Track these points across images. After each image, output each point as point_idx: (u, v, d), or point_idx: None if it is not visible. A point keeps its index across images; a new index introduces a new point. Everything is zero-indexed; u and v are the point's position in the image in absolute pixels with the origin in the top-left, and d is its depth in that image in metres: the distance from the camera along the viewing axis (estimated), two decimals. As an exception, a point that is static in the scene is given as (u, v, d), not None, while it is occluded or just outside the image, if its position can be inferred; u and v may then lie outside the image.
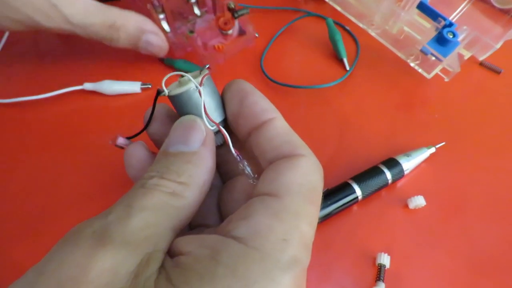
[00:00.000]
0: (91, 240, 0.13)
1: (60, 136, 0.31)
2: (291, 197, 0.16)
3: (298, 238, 0.15)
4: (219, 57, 0.34)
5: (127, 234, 0.14)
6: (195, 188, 0.16)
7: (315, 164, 0.17)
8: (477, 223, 0.28)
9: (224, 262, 0.14)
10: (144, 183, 0.16)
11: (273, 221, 0.15)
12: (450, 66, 0.33)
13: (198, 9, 0.33)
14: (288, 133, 0.18)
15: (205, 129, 0.18)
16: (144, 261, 0.14)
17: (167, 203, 0.15)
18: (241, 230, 0.15)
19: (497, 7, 0.36)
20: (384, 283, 0.25)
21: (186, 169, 0.16)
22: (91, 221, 0.14)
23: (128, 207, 0.14)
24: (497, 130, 0.33)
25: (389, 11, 0.35)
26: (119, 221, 0.14)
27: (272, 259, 0.14)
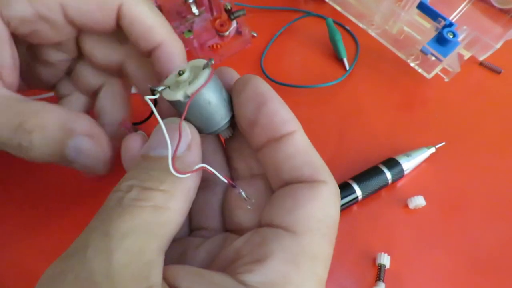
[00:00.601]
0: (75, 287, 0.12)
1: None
2: (310, 236, 0.14)
3: (314, 286, 0.14)
4: (216, 57, 0.34)
5: (114, 275, 0.12)
6: (179, 196, 0.14)
7: (335, 192, 0.16)
8: (477, 223, 0.28)
9: None
10: (121, 198, 0.14)
11: (289, 268, 0.14)
12: (450, 66, 0.33)
13: (196, 8, 0.33)
14: (308, 152, 0.16)
15: (191, 132, 0.16)
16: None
17: (150, 222, 0.13)
18: (255, 278, 0.13)
19: (497, 7, 0.36)
20: (384, 283, 0.25)
21: (169, 175, 0.14)
22: (69, 260, 0.12)
23: (107, 236, 0.12)
24: (497, 130, 0.33)
25: (389, 11, 0.35)
26: (100, 257, 0.12)
27: None
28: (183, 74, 0.16)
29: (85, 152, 0.19)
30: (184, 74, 0.16)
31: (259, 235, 0.15)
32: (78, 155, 0.19)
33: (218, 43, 0.34)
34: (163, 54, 0.21)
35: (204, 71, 0.16)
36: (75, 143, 0.19)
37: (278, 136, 0.16)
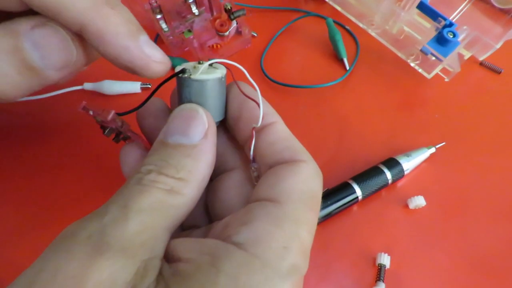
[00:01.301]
0: (87, 246, 0.13)
1: (60, 136, 0.31)
2: (292, 204, 0.15)
3: (298, 246, 0.15)
4: (216, 57, 0.34)
5: (124, 240, 0.13)
6: (194, 184, 0.15)
7: (315, 170, 0.17)
8: (477, 223, 0.28)
9: (226, 270, 0.13)
10: (140, 179, 0.15)
11: (274, 227, 0.15)
12: (450, 66, 0.33)
13: (196, 8, 0.33)
14: (288, 138, 0.18)
15: (207, 121, 0.17)
16: (141, 269, 0.13)
17: (164, 202, 0.14)
18: (241, 236, 0.14)
19: (497, 7, 0.36)
20: (384, 283, 0.25)
21: (185, 163, 0.15)
22: (86, 223, 0.13)
23: (125, 207, 0.14)
24: (497, 130, 0.33)
25: (389, 11, 0.35)
26: (116, 224, 0.13)
27: (273, 267, 0.14)
28: (201, 64, 0.17)
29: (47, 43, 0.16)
30: (203, 64, 0.18)
31: (244, 208, 0.16)
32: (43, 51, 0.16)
33: (218, 43, 0.34)
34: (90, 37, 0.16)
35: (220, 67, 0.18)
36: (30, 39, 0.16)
37: (260, 127, 0.17)
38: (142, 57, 0.17)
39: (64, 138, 0.31)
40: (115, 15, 0.16)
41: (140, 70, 0.17)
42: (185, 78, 0.17)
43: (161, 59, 0.17)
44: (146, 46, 0.17)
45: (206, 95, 0.17)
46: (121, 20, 0.16)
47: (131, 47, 0.16)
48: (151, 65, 0.17)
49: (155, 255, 0.14)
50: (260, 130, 0.18)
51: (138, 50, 0.16)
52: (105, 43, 0.16)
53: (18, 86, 0.16)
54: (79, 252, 0.12)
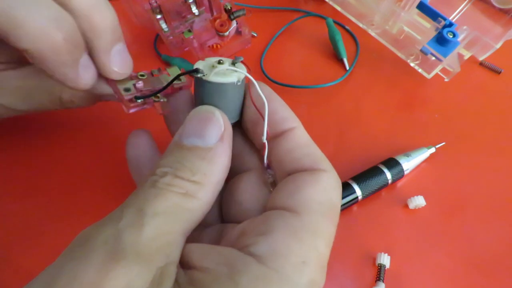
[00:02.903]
0: (103, 253, 0.13)
1: (60, 136, 0.31)
2: (311, 215, 0.15)
3: (316, 260, 0.15)
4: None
5: (140, 246, 0.13)
6: (209, 188, 0.15)
7: (335, 180, 0.17)
8: (477, 223, 0.28)
9: (244, 284, 0.13)
10: (155, 181, 0.15)
11: (292, 240, 0.14)
12: (450, 66, 0.33)
13: (196, 8, 0.33)
14: (308, 144, 0.17)
15: (224, 123, 0.17)
16: (157, 277, 0.13)
17: (180, 206, 0.14)
18: (260, 248, 0.14)
19: (497, 7, 0.36)
20: (384, 283, 0.25)
21: (201, 166, 0.15)
22: (101, 228, 0.13)
23: (140, 211, 0.14)
24: (497, 130, 0.33)
25: (389, 11, 0.35)
26: (132, 229, 0.13)
27: (291, 282, 0.14)
28: (223, 64, 0.17)
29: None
30: (224, 63, 0.17)
31: (262, 216, 0.16)
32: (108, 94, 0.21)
33: (218, 43, 0.34)
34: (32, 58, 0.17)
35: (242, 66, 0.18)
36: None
37: (279, 132, 0.17)
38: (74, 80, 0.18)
39: (64, 137, 0.31)
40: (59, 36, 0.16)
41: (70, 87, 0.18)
42: (199, 78, 0.17)
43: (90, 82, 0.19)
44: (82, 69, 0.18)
45: (219, 97, 0.17)
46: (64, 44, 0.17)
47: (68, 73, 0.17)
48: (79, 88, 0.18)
49: (171, 261, 0.14)
50: (279, 135, 0.17)
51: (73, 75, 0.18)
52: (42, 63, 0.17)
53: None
54: (95, 259, 0.12)
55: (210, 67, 0.17)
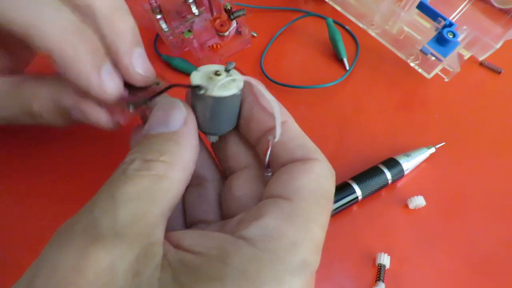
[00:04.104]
0: (82, 239, 0.13)
1: (60, 136, 0.31)
2: (304, 202, 0.15)
3: (309, 242, 0.15)
4: (215, 57, 0.34)
5: (118, 229, 0.13)
6: (179, 167, 0.16)
7: (328, 168, 0.17)
8: (477, 223, 0.28)
9: (235, 265, 0.13)
10: (125, 169, 0.15)
11: (284, 224, 0.15)
12: (450, 66, 0.33)
13: (196, 8, 0.33)
14: (301, 136, 0.18)
15: (186, 109, 0.17)
16: (142, 256, 0.13)
17: (151, 188, 0.14)
18: (251, 231, 0.15)
19: (497, 7, 0.36)
20: (384, 283, 0.25)
21: (168, 147, 0.16)
22: (77, 218, 0.14)
23: (112, 198, 0.14)
24: (497, 130, 0.33)
25: (389, 11, 0.35)
26: (107, 215, 0.13)
27: (282, 262, 0.14)
28: (221, 75, 0.18)
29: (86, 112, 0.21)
30: (221, 74, 0.18)
31: (257, 205, 0.16)
32: (82, 116, 0.21)
33: (218, 43, 0.34)
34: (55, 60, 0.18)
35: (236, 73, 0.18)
36: (74, 110, 0.21)
37: (272, 127, 0.18)
38: (99, 86, 0.18)
39: (64, 137, 0.31)
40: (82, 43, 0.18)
41: (95, 96, 0.19)
42: (198, 94, 0.17)
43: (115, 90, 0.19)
44: (106, 75, 0.19)
45: (222, 109, 0.18)
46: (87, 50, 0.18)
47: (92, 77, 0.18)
48: (104, 96, 0.19)
49: (153, 241, 0.14)
50: (272, 129, 0.18)
51: (97, 81, 0.18)
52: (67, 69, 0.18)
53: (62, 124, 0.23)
54: (75, 245, 0.13)
55: (207, 79, 0.17)
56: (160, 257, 0.14)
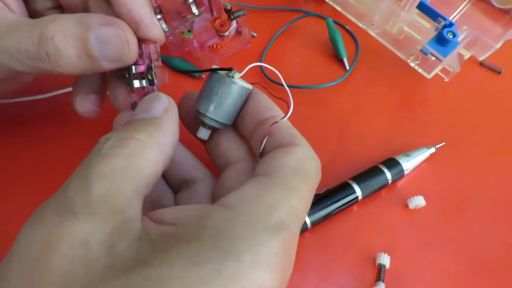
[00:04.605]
0: (56, 216, 0.13)
1: (60, 136, 0.31)
2: (283, 176, 0.16)
3: (286, 207, 0.15)
4: (215, 57, 0.34)
5: (90, 206, 0.13)
6: (155, 148, 0.16)
7: (310, 153, 0.18)
8: (477, 223, 0.28)
9: (211, 225, 0.14)
10: (99, 149, 0.15)
11: (262, 191, 0.15)
12: (450, 66, 0.33)
13: (196, 8, 0.33)
14: (288, 127, 0.19)
15: (168, 101, 0.18)
16: (116, 230, 0.13)
17: (125, 167, 0.15)
18: (229, 199, 0.15)
19: (497, 7, 0.36)
20: (384, 283, 0.25)
21: (146, 128, 0.16)
22: (52, 198, 0.14)
23: (85, 177, 0.14)
24: (497, 130, 0.33)
25: (389, 11, 0.35)
26: (80, 193, 0.14)
27: (258, 221, 0.14)
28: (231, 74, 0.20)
29: (109, 40, 0.18)
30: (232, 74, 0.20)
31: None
32: (103, 46, 0.18)
33: (218, 43, 0.34)
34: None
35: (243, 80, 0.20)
36: (96, 34, 0.18)
37: (263, 119, 0.19)
38: (151, 19, 0.19)
39: (64, 137, 0.31)
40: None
41: (145, 27, 0.19)
42: (222, 77, 0.19)
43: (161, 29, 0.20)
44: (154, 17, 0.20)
45: (235, 98, 0.20)
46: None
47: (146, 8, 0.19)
48: (154, 28, 0.20)
49: (128, 217, 0.14)
50: (263, 122, 0.19)
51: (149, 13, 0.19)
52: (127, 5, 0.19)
53: (74, 65, 0.18)
54: (49, 221, 0.13)
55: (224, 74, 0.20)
56: (138, 231, 0.14)
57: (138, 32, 0.20)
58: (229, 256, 0.13)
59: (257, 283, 0.13)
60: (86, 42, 0.18)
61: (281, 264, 0.14)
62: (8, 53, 0.18)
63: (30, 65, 0.18)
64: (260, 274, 0.13)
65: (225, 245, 0.13)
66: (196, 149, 0.24)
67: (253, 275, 0.13)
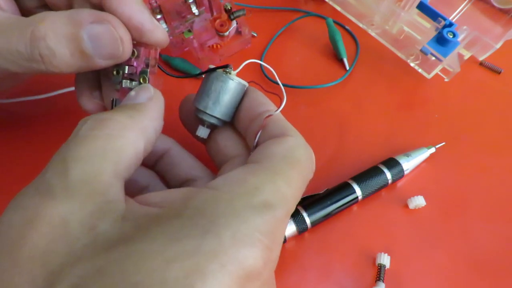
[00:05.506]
0: (35, 198, 0.13)
1: (60, 136, 0.31)
2: (272, 162, 0.16)
3: (272, 188, 0.15)
4: (215, 57, 0.34)
5: (68, 188, 0.13)
6: (136, 130, 0.16)
7: (301, 142, 0.18)
8: (477, 223, 0.28)
9: (193, 205, 0.14)
10: (78, 130, 0.15)
11: (248, 175, 0.15)
12: (450, 66, 0.33)
13: (196, 8, 0.33)
14: (281, 120, 0.19)
15: (153, 91, 0.19)
16: (97, 212, 0.13)
17: (104, 148, 0.15)
18: (216, 182, 0.15)
19: (497, 7, 0.36)
20: (384, 283, 0.25)
21: (128, 112, 0.16)
22: (32, 182, 0.14)
23: (63, 160, 0.14)
24: (497, 130, 0.33)
25: (389, 11, 0.35)
26: (58, 176, 0.14)
27: (242, 200, 0.14)
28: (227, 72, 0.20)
29: (101, 38, 0.18)
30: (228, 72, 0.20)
31: None
32: (96, 44, 0.18)
33: (218, 43, 0.34)
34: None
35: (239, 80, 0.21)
36: (88, 31, 0.18)
37: (257, 114, 0.19)
38: (152, 22, 0.19)
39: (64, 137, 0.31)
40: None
41: (148, 32, 0.19)
42: (220, 74, 0.20)
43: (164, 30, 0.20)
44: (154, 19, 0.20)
45: (232, 94, 0.20)
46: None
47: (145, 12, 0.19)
48: (157, 30, 0.19)
49: (109, 199, 0.14)
50: (257, 116, 0.20)
51: (149, 17, 0.19)
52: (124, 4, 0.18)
53: (69, 64, 0.18)
54: (28, 203, 0.13)
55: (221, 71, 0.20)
56: (120, 212, 0.14)
57: (142, 38, 0.19)
58: (209, 232, 0.13)
59: (239, 259, 0.13)
60: (78, 40, 0.18)
61: (265, 243, 0.13)
62: (1, 55, 0.18)
63: (24, 66, 0.18)
64: (241, 251, 0.13)
65: (206, 222, 0.13)
66: (195, 150, 0.24)
67: (233, 251, 0.13)
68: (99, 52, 0.18)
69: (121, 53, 0.19)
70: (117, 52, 0.19)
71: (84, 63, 0.19)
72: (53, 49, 0.17)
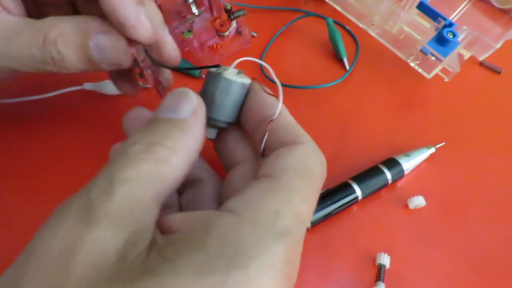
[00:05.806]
0: (77, 220, 0.13)
1: (60, 136, 0.31)
2: (285, 177, 0.16)
3: (290, 212, 0.15)
4: (216, 57, 0.34)
5: (112, 211, 0.13)
6: (182, 154, 0.16)
7: (314, 150, 0.18)
8: (477, 223, 0.28)
9: (215, 232, 0.14)
10: (126, 151, 0.15)
11: (265, 196, 0.15)
12: (450, 66, 0.33)
13: (196, 8, 0.33)
14: (291, 123, 0.19)
15: (197, 101, 0.18)
16: (131, 240, 0.13)
17: (150, 172, 0.15)
18: (233, 203, 0.15)
19: (497, 7, 0.36)
20: (384, 283, 0.25)
21: (174, 134, 0.16)
22: (74, 199, 0.14)
23: (111, 180, 0.14)
24: (497, 130, 0.33)
25: (389, 11, 0.35)
26: (102, 197, 0.14)
27: (264, 228, 0.14)
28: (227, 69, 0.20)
29: (106, 48, 0.20)
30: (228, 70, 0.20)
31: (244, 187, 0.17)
32: (101, 53, 0.20)
33: (218, 43, 0.34)
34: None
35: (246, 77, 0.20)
36: (95, 41, 0.20)
37: (262, 117, 0.19)
38: (137, 17, 0.19)
39: (64, 137, 0.31)
40: None
41: (130, 28, 0.19)
42: (215, 74, 0.19)
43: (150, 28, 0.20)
44: (142, 14, 0.20)
45: (229, 94, 0.19)
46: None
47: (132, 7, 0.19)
48: (140, 26, 0.19)
49: (143, 227, 0.14)
50: (262, 120, 0.19)
51: (135, 12, 0.19)
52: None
53: (76, 66, 0.20)
54: (69, 226, 0.13)
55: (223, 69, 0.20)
56: (148, 241, 0.14)
57: (124, 33, 0.20)
58: (235, 265, 0.13)
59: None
60: (86, 48, 0.20)
61: (286, 271, 0.14)
62: (15, 58, 0.20)
63: (36, 68, 0.20)
64: (266, 283, 0.13)
65: (231, 254, 0.13)
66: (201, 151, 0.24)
67: (258, 284, 0.13)
68: (104, 59, 0.20)
69: (124, 61, 0.21)
70: (119, 61, 0.21)
71: (91, 66, 0.21)
72: (63, 54, 0.19)
